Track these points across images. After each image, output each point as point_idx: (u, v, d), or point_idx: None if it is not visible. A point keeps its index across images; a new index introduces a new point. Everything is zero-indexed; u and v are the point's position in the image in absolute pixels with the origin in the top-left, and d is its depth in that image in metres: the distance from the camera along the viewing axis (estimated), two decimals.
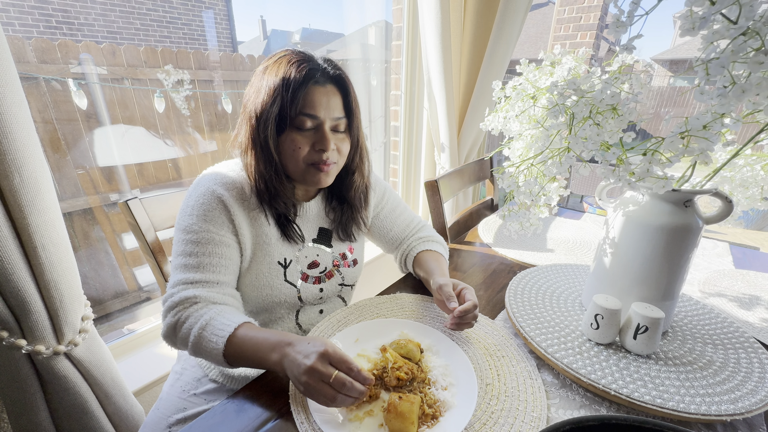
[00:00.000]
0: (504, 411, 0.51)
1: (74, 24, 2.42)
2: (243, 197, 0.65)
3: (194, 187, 0.65)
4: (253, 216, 0.66)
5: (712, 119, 0.35)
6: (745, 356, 0.58)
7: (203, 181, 0.65)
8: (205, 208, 0.62)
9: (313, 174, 0.64)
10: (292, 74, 0.59)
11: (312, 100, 0.60)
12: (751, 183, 0.60)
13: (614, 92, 0.39)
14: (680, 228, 0.54)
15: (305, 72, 0.60)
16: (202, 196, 0.63)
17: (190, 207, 0.63)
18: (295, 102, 0.59)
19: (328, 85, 0.62)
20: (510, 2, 1.24)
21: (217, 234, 0.62)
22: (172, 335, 0.59)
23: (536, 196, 0.52)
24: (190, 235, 0.61)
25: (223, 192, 0.63)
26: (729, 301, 0.79)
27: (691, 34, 0.30)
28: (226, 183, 0.64)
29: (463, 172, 1.25)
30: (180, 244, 0.62)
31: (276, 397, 0.52)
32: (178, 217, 0.64)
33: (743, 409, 0.47)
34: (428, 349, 0.61)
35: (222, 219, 0.63)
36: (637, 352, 0.57)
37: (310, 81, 0.60)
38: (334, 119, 0.63)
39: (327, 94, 0.62)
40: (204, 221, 0.62)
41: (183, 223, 0.63)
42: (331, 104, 0.62)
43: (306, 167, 0.64)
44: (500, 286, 0.84)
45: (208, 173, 0.67)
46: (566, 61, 0.52)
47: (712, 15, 0.28)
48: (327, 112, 0.62)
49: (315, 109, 0.61)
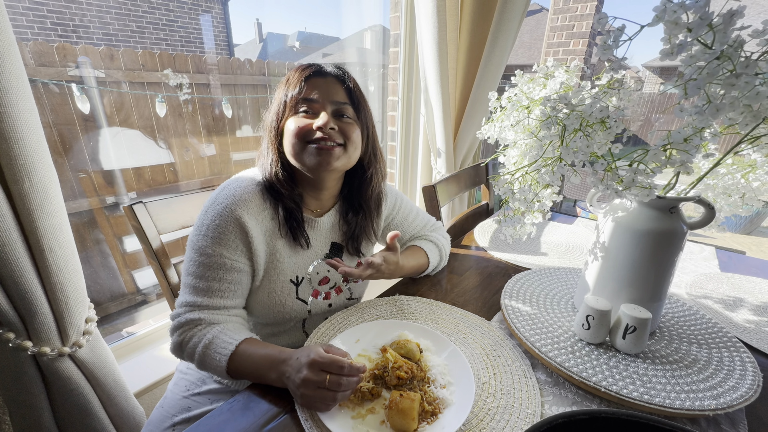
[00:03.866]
0: (500, 408, 0.53)
1: (69, 26, 2.42)
2: (261, 208, 0.65)
3: (212, 203, 0.64)
4: (269, 230, 0.66)
5: (692, 133, 0.38)
6: (728, 355, 0.61)
7: (222, 198, 0.63)
8: (221, 231, 0.61)
9: (314, 153, 0.63)
10: (294, 73, 0.65)
11: (310, 87, 0.64)
12: (733, 190, 0.63)
13: (602, 107, 0.42)
14: (666, 233, 0.57)
15: (305, 67, 0.65)
16: (219, 216, 0.62)
17: (206, 227, 0.62)
18: (296, 91, 0.63)
19: (329, 77, 0.66)
20: (505, 11, 1.28)
21: (230, 259, 0.62)
22: (180, 352, 0.61)
23: (530, 203, 0.55)
24: (202, 257, 0.61)
25: (241, 212, 0.62)
26: (714, 302, 0.82)
27: (670, 59, 0.33)
28: (245, 198, 0.64)
29: (460, 178, 1.27)
30: (192, 264, 0.62)
31: (281, 395, 0.54)
32: (193, 233, 0.64)
33: (725, 404, 0.50)
34: (427, 349, 0.64)
35: (236, 243, 0.62)
36: (626, 351, 0.60)
37: (309, 71, 0.65)
38: (336, 103, 0.65)
39: (327, 82, 0.65)
40: (218, 245, 0.61)
41: (197, 243, 0.62)
42: (331, 90, 0.65)
43: (305, 146, 0.63)
44: (496, 288, 0.86)
45: (227, 186, 0.66)
46: (558, 74, 0.55)
47: (688, 41, 0.31)
48: (326, 95, 0.64)
49: (313, 93, 0.64)
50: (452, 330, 0.70)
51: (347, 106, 0.66)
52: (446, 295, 0.83)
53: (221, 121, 1.75)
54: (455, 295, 0.83)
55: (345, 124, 0.65)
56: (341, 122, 0.65)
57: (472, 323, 0.72)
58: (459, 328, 0.70)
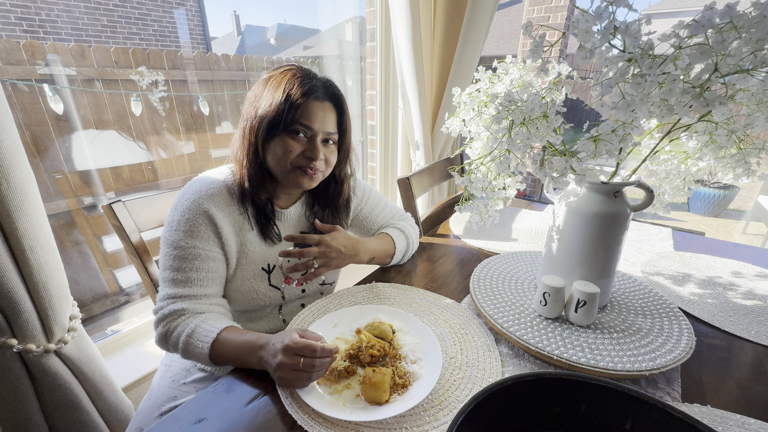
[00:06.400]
0: (464, 379, 0.59)
1: (35, 21, 2.33)
2: (228, 203, 0.68)
3: (180, 199, 0.67)
4: (238, 223, 0.70)
5: (619, 125, 0.43)
6: (668, 323, 0.67)
7: (188, 193, 0.67)
8: (191, 224, 0.64)
9: (298, 176, 0.68)
10: (295, 86, 0.65)
11: (309, 113, 0.65)
12: (675, 175, 0.70)
13: (541, 104, 0.46)
14: (612, 215, 0.63)
15: (308, 87, 0.65)
16: (188, 210, 0.65)
17: (176, 221, 0.65)
18: (294, 112, 0.64)
19: (326, 102, 0.68)
20: (476, 6, 1.32)
21: (204, 249, 0.65)
22: (164, 343, 0.64)
23: (488, 191, 0.60)
24: (177, 250, 0.64)
25: (209, 206, 0.65)
26: (665, 279, 0.90)
27: (585, 61, 0.38)
28: (211, 192, 0.67)
29: (434, 170, 1.32)
30: (167, 258, 0.65)
31: (262, 377, 0.58)
32: (165, 229, 0.66)
33: (660, 365, 0.57)
34: (400, 329, 0.68)
35: (208, 234, 0.66)
36: (578, 323, 0.66)
37: (311, 95, 0.65)
38: (327, 133, 0.69)
39: (324, 109, 0.67)
40: (190, 237, 0.64)
41: (170, 238, 0.65)
42: (327, 119, 0.68)
43: (292, 169, 0.68)
44: (467, 273, 0.92)
45: (195, 183, 0.69)
46: (512, 72, 0.60)
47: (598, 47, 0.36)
48: (321, 125, 0.67)
49: (311, 120, 0.66)
50: (425, 312, 0.75)
51: (335, 135, 0.70)
52: (421, 280, 0.88)
53: (200, 118, 1.74)
54: (429, 280, 0.88)
55: (329, 151, 0.70)
56: (326, 149, 0.70)
57: (443, 305, 0.77)
58: (431, 310, 0.76)
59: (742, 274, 0.92)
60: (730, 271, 0.94)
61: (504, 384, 0.44)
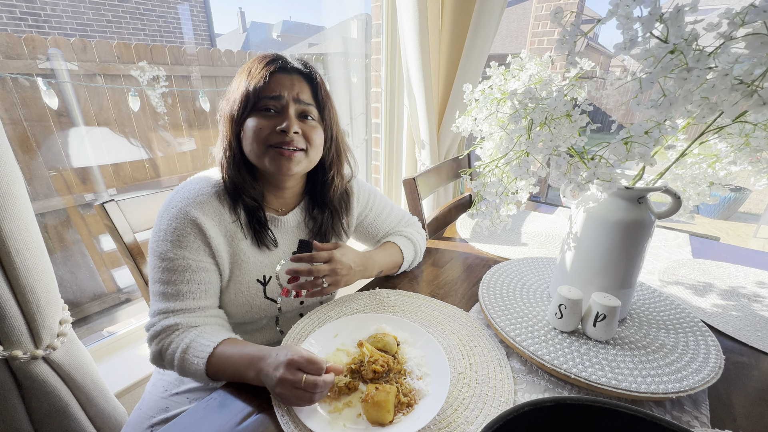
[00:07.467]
0: (474, 397, 0.55)
1: (40, 15, 2.31)
2: (218, 211, 0.63)
3: (167, 207, 0.62)
4: (230, 232, 0.65)
5: (653, 125, 0.39)
6: (693, 339, 0.63)
7: (175, 200, 0.62)
8: (179, 234, 0.60)
9: (275, 157, 0.61)
10: (256, 64, 0.61)
11: (275, 83, 0.61)
12: (701, 179, 0.65)
13: (566, 101, 0.42)
14: (635, 222, 0.59)
15: (269, 60, 0.61)
16: (174, 219, 0.60)
17: (163, 231, 0.60)
18: (259, 89, 0.60)
19: (293, 74, 0.63)
20: (486, 1, 1.27)
21: (194, 260, 0.61)
22: (160, 361, 0.61)
23: (502, 195, 0.55)
24: (165, 262, 0.60)
25: (197, 214, 0.60)
26: (685, 288, 0.85)
27: (624, 53, 0.34)
28: (200, 200, 0.62)
29: (441, 170, 1.28)
30: (156, 271, 0.61)
31: (258, 392, 0.54)
32: (152, 239, 0.62)
33: (687, 387, 0.52)
34: (405, 341, 0.64)
35: (197, 243, 0.61)
36: (596, 338, 0.61)
37: (273, 66, 0.61)
38: (300, 102, 0.63)
39: (291, 79, 0.62)
40: (179, 248, 0.60)
41: (158, 249, 0.60)
42: (296, 87, 0.62)
43: (266, 149, 0.61)
44: (475, 279, 0.87)
45: (183, 188, 0.64)
46: (529, 67, 0.55)
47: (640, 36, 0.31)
48: (290, 92, 0.62)
49: (277, 89, 0.61)
50: (431, 322, 0.71)
51: (312, 107, 0.64)
52: (426, 287, 0.84)
53: (203, 115, 1.71)
54: (435, 287, 0.84)
55: (309, 127, 0.64)
56: (305, 125, 0.63)
57: (450, 315, 0.73)
58: (438, 320, 0.71)
59: (766, 284, 0.87)
60: (754, 280, 0.89)
61: (520, 411, 0.40)
